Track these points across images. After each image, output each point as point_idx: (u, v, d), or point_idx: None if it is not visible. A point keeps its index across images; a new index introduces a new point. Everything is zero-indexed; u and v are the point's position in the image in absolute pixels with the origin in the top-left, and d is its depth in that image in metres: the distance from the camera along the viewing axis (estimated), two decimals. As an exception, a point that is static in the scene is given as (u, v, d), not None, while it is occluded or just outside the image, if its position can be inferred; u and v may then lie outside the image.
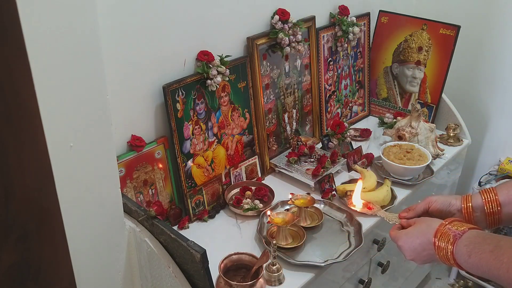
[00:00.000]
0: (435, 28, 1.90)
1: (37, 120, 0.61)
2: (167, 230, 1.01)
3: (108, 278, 1.06)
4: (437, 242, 0.89)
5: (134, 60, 1.29)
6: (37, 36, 0.73)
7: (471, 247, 0.84)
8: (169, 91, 1.34)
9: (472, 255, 0.83)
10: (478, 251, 0.83)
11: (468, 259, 0.84)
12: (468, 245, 0.85)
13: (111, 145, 0.94)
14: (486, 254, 0.81)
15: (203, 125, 1.46)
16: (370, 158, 1.73)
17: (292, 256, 1.30)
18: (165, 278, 1.04)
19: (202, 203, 1.48)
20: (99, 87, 0.88)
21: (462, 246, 0.85)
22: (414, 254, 0.95)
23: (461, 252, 0.85)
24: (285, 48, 1.62)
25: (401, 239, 0.96)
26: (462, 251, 0.85)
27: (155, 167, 1.39)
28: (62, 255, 0.69)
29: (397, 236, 0.98)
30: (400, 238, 0.96)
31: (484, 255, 0.81)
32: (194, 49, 1.41)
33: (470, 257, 0.84)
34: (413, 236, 0.94)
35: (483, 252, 0.82)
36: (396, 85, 2.04)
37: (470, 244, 0.85)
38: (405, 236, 0.96)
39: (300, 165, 1.63)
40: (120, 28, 1.22)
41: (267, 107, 1.66)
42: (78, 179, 0.89)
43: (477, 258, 0.82)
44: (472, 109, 2.18)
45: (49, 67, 0.77)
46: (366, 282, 1.56)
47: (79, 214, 0.92)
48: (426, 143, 1.76)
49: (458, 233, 0.87)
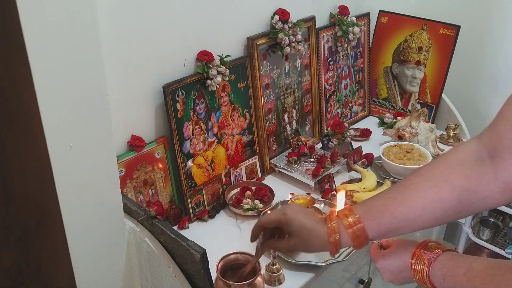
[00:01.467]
0: (435, 28, 1.90)
1: (37, 120, 0.61)
2: (167, 230, 1.01)
3: (108, 278, 1.06)
4: (413, 264, 0.90)
5: (134, 60, 1.29)
6: (37, 36, 0.73)
7: (445, 270, 0.84)
8: (169, 91, 1.34)
9: (446, 278, 0.84)
10: (452, 274, 0.83)
11: (443, 282, 0.84)
12: (442, 268, 0.85)
13: (111, 145, 0.94)
14: (459, 277, 0.81)
15: (203, 125, 1.46)
16: (370, 158, 1.73)
17: (292, 256, 1.30)
18: (165, 278, 1.04)
19: (202, 203, 1.48)
20: (99, 87, 0.87)
21: (437, 270, 0.86)
22: (391, 276, 0.95)
23: (436, 275, 0.86)
24: (285, 48, 1.62)
25: (378, 261, 0.97)
26: (437, 274, 0.85)
27: (155, 167, 1.39)
28: (62, 255, 0.69)
29: (375, 257, 0.98)
30: (377, 260, 0.97)
31: (458, 278, 0.81)
32: (194, 49, 1.41)
33: (444, 280, 0.84)
34: (390, 258, 0.94)
35: (456, 275, 0.82)
36: (396, 85, 2.04)
37: (444, 268, 0.85)
38: (382, 259, 0.96)
39: (300, 165, 1.63)
40: (120, 28, 1.22)
41: (267, 107, 1.66)
42: (78, 179, 0.89)
43: (451, 282, 0.82)
44: (472, 109, 2.18)
45: (49, 67, 0.77)
46: (366, 282, 1.56)
47: (79, 214, 0.92)
48: (426, 143, 1.76)
49: (432, 256, 0.87)
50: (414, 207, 0.89)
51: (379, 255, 0.97)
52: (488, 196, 0.86)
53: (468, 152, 0.89)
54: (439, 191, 0.87)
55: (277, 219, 0.97)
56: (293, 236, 0.96)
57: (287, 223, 0.96)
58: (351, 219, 0.92)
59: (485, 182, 0.85)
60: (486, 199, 0.86)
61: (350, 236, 0.92)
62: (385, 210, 0.91)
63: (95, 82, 0.86)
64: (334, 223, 0.93)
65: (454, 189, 0.87)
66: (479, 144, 0.88)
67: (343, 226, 0.92)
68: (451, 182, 0.87)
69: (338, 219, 0.93)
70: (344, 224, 0.92)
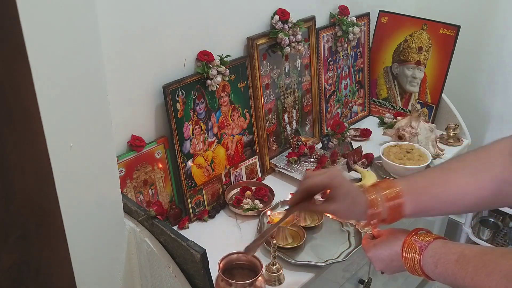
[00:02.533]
0: (435, 28, 1.90)
1: (37, 120, 0.61)
2: (167, 230, 1.01)
3: (108, 278, 1.06)
4: (404, 253, 0.90)
5: (134, 60, 1.29)
6: (37, 36, 0.73)
7: (436, 258, 0.85)
8: (169, 91, 1.34)
9: (438, 265, 0.84)
10: (444, 261, 0.83)
11: (435, 269, 0.85)
12: (434, 256, 0.85)
13: (111, 145, 0.94)
14: (451, 264, 0.82)
15: (203, 125, 1.46)
16: (370, 158, 1.73)
17: (292, 256, 1.30)
18: (165, 278, 1.04)
19: (202, 203, 1.48)
20: (99, 87, 0.87)
21: (428, 257, 0.86)
22: (383, 265, 0.96)
23: (427, 263, 0.86)
24: (285, 48, 1.62)
25: (370, 251, 0.97)
26: (428, 262, 0.86)
27: (155, 167, 1.39)
28: (62, 255, 0.69)
29: (366, 247, 0.99)
30: (369, 250, 0.97)
31: (450, 265, 0.82)
32: (194, 49, 1.41)
33: (436, 267, 0.84)
34: (381, 248, 0.95)
35: (448, 262, 0.82)
36: (396, 85, 2.04)
37: (436, 255, 0.85)
38: (373, 248, 0.96)
39: (300, 165, 1.63)
40: (120, 28, 1.22)
41: (267, 107, 1.66)
42: (78, 179, 0.89)
43: (443, 268, 0.83)
44: (472, 109, 2.18)
45: (49, 67, 0.77)
46: (366, 282, 1.56)
47: (79, 214, 0.92)
48: (426, 143, 1.76)
49: (423, 244, 0.88)
50: (454, 190, 0.91)
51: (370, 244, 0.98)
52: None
53: (508, 145, 0.91)
54: (479, 179, 0.90)
55: (324, 183, 0.94)
56: (336, 201, 0.93)
57: (336, 188, 0.93)
58: (392, 191, 0.92)
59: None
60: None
61: (387, 209, 0.92)
62: (426, 189, 0.92)
63: (95, 82, 0.86)
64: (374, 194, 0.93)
65: (493, 179, 0.89)
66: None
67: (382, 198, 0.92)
68: (491, 172, 0.89)
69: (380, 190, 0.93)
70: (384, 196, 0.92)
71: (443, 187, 0.91)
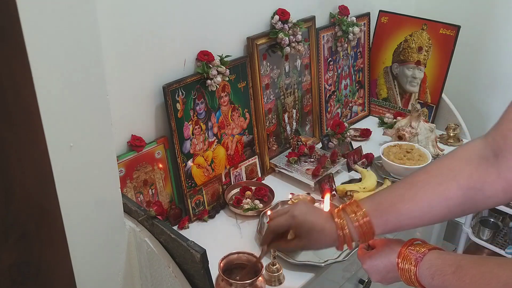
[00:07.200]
0: (435, 28, 1.90)
1: (37, 120, 0.61)
2: (167, 230, 1.01)
3: (108, 278, 1.06)
4: (400, 264, 0.90)
5: (134, 60, 1.29)
6: (37, 36, 0.73)
7: (433, 270, 0.84)
8: (169, 91, 1.34)
9: (435, 277, 0.83)
10: (441, 273, 0.83)
11: (432, 281, 0.84)
12: (430, 268, 0.85)
13: (111, 145, 0.94)
14: (448, 276, 0.81)
15: (203, 125, 1.46)
16: (370, 158, 1.73)
17: (292, 256, 1.30)
18: (165, 278, 1.04)
19: (202, 203, 1.48)
20: (99, 87, 0.87)
21: (425, 269, 0.86)
22: (379, 276, 0.96)
23: (424, 274, 0.86)
24: (285, 48, 1.62)
25: (366, 263, 0.97)
26: (425, 273, 0.85)
27: (155, 167, 1.39)
28: (62, 255, 0.69)
29: (362, 259, 0.98)
30: (365, 262, 0.97)
31: (447, 277, 0.81)
32: (194, 49, 1.41)
33: (433, 279, 0.84)
34: (376, 259, 0.95)
35: (445, 274, 0.82)
36: (396, 85, 2.04)
37: (432, 267, 0.85)
38: (369, 260, 0.96)
39: (300, 165, 1.64)
40: (120, 28, 1.22)
41: (267, 107, 1.66)
42: (78, 179, 0.89)
43: (440, 281, 0.82)
44: (472, 109, 2.18)
45: (49, 67, 0.77)
46: (366, 282, 1.56)
47: (79, 214, 0.92)
48: (426, 143, 1.76)
49: (419, 255, 0.87)
50: (421, 205, 0.90)
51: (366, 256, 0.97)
52: (492, 195, 0.86)
53: (473, 151, 0.89)
54: (446, 189, 0.88)
55: (287, 223, 0.98)
56: (302, 238, 0.96)
57: (297, 226, 0.96)
58: (358, 214, 0.92)
59: (489, 181, 0.86)
60: (491, 198, 0.87)
61: (358, 232, 0.92)
62: (392, 207, 0.91)
63: (95, 82, 0.86)
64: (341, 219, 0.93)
65: (460, 187, 0.87)
66: (485, 143, 0.89)
67: (351, 221, 0.92)
68: (457, 180, 0.87)
69: (346, 214, 0.93)
70: (351, 220, 0.92)
71: (409, 203, 0.90)
